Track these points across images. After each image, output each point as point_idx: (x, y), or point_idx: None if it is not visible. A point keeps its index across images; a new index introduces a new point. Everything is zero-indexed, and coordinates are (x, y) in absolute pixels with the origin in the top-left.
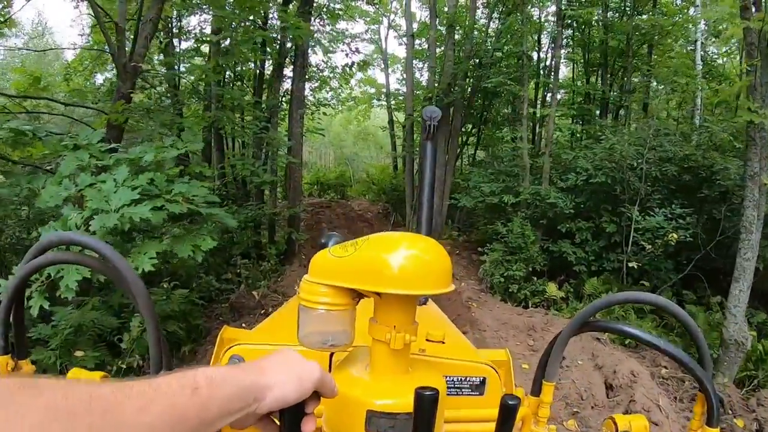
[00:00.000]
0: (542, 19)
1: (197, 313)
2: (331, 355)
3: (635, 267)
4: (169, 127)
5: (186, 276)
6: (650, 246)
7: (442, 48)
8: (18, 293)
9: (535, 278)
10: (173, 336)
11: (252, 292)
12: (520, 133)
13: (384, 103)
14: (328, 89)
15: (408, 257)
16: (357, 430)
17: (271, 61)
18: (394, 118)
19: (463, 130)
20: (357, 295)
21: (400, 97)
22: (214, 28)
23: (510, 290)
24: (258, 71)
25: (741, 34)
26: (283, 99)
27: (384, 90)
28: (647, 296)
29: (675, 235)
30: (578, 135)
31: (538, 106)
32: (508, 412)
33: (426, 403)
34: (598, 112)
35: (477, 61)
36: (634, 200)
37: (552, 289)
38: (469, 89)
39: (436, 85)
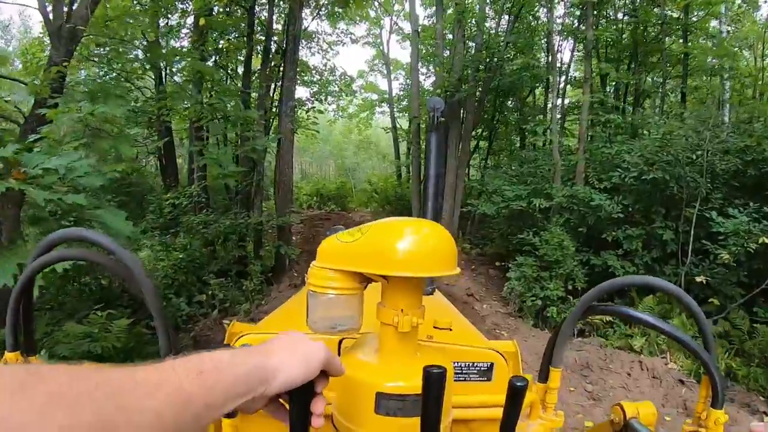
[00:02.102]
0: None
1: (147, 350)
2: (340, 342)
3: (703, 281)
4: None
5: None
6: (727, 255)
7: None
8: (26, 290)
9: (571, 297)
10: None
11: (223, 321)
12: (546, 123)
13: (387, 110)
14: (324, 94)
15: (414, 241)
16: (367, 413)
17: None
18: (397, 125)
19: (474, 134)
20: (364, 280)
21: (403, 103)
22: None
23: (547, 314)
24: (246, 60)
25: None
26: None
27: (386, 95)
28: (649, 279)
29: (766, 239)
30: (619, 126)
31: (548, 113)
32: (516, 393)
33: (434, 380)
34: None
35: (489, 59)
36: (694, 200)
37: None
38: (481, 84)
39: (445, 75)
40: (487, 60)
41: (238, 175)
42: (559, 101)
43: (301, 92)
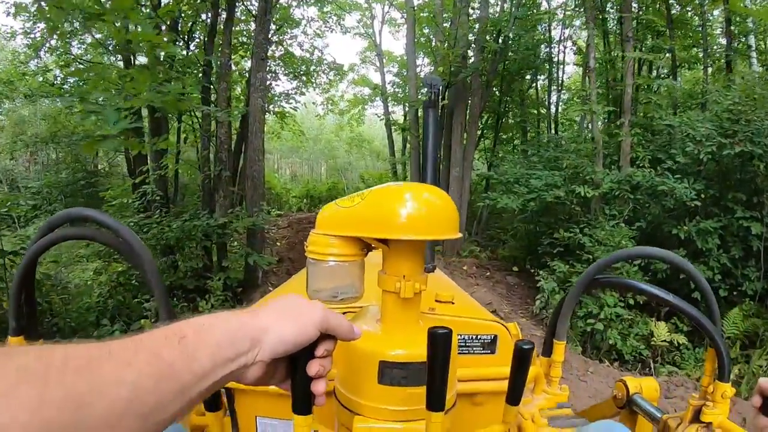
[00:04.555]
0: None
1: None
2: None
3: None
4: None
5: (76, 325)
6: None
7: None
8: (29, 272)
9: (632, 315)
10: None
11: None
12: (586, 90)
13: (380, 104)
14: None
15: (415, 204)
16: (370, 384)
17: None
18: (391, 119)
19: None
20: (365, 246)
21: (399, 95)
22: None
23: (603, 337)
24: (211, 24)
25: None
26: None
27: (380, 89)
28: (655, 251)
29: None
30: (673, 95)
31: (552, 108)
32: (522, 357)
33: (440, 341)
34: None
35: (497, 35)
36: None
37: (662, 331)
38: (489, 61)
39: (447, 49)
40: (494, 34)
41: (124, 140)
42: (592, 63)
43: (285, 83)
